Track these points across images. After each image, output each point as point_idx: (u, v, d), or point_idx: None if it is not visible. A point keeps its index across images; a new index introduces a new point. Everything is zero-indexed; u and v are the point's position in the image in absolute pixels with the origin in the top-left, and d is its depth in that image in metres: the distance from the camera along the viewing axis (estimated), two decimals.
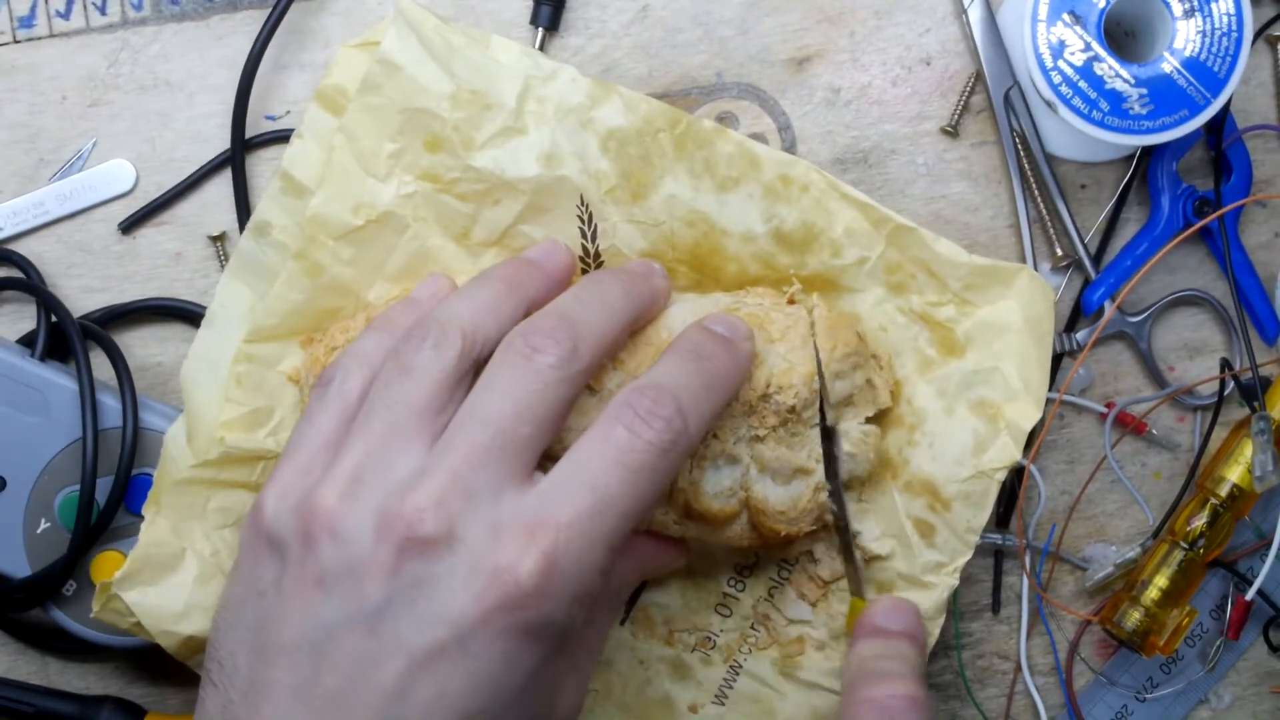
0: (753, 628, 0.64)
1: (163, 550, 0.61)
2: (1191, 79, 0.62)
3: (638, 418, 0.47)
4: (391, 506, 0.44)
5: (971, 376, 0.63)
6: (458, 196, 0.62)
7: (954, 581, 0.63)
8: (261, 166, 0.67)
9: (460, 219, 0.62)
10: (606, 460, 0.46)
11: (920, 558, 0.63)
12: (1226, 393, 0.67)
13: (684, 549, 0.60)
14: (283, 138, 0.66)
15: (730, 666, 0.64)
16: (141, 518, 0.63)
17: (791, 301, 0.60)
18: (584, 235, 0.62)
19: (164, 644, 0.60)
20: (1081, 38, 0.62)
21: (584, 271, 0.63)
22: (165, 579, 0.61)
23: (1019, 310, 0.62)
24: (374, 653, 0.43)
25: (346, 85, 0.62)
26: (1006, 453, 0.62)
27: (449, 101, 0.61)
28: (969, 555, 0.63)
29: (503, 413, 0.47)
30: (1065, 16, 0.62)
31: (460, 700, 0.42)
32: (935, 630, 0.63)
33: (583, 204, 0.62)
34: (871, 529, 0.63)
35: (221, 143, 0.66)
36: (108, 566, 0.63)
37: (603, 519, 0.45)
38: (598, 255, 0.62)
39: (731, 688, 0.64)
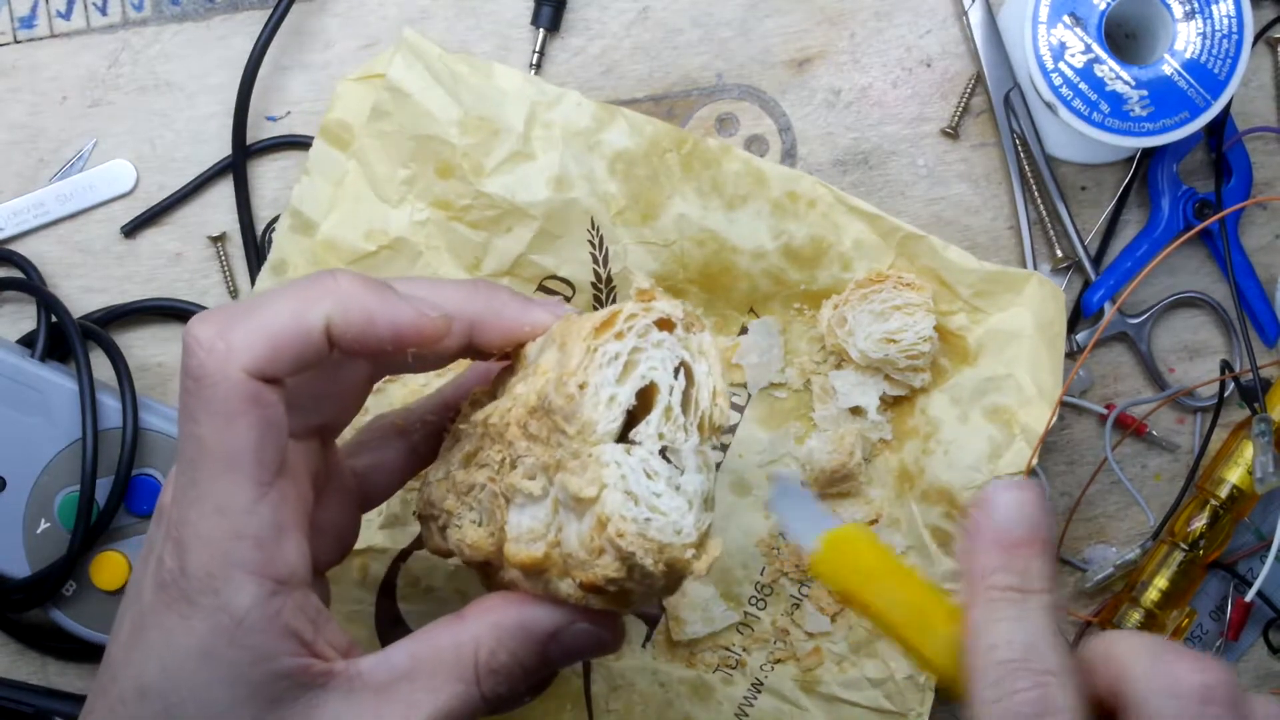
0: (774, 643, 0.64)
1: None
2: (1192, 81, 0.62)
3: (184, 343, 0.42)
4: None
5: (985, 384, 0.63)
6: (469, 225, 0.62)
7: None
8: (263, 168, 0.67)
9: (471, 248, 0.62)
10: (180, 409, 0.43)
11: (939, 566, 0.63)
12: (1227, 394, 0.67)
13: (601, 620, 0.46)
14: (285, 142, 0.66)
15: (752, 685, 0.64)
16: (140, 518, 0.63)
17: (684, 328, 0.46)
18: (595, 260, 0.62)
19: None
20: (1082, 39, 0.62)
21: (596, 298, 0.63)
22: None
23: (1030, 316, 0.62)
24: (126, 600, 0.45)
25: (349, 120, 0.62)
26: (1022, 457, 0.62)
27: (457, 128, 0.61)
28: None
29: None
30: (1066, 18, 0.62)
31: (142, 662, 0.42)
32: None
33: (593, 227, 0.62)
34: (895, 544, 0.63)
35: (222, 143, 0.66)
36: (107, 567, 0.63)
37: (196, 484, 0.41)
38: (609, 280, 0.63)
39: (752, 705, 0.64)
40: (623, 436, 0.43)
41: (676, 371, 0.44)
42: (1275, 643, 0.68)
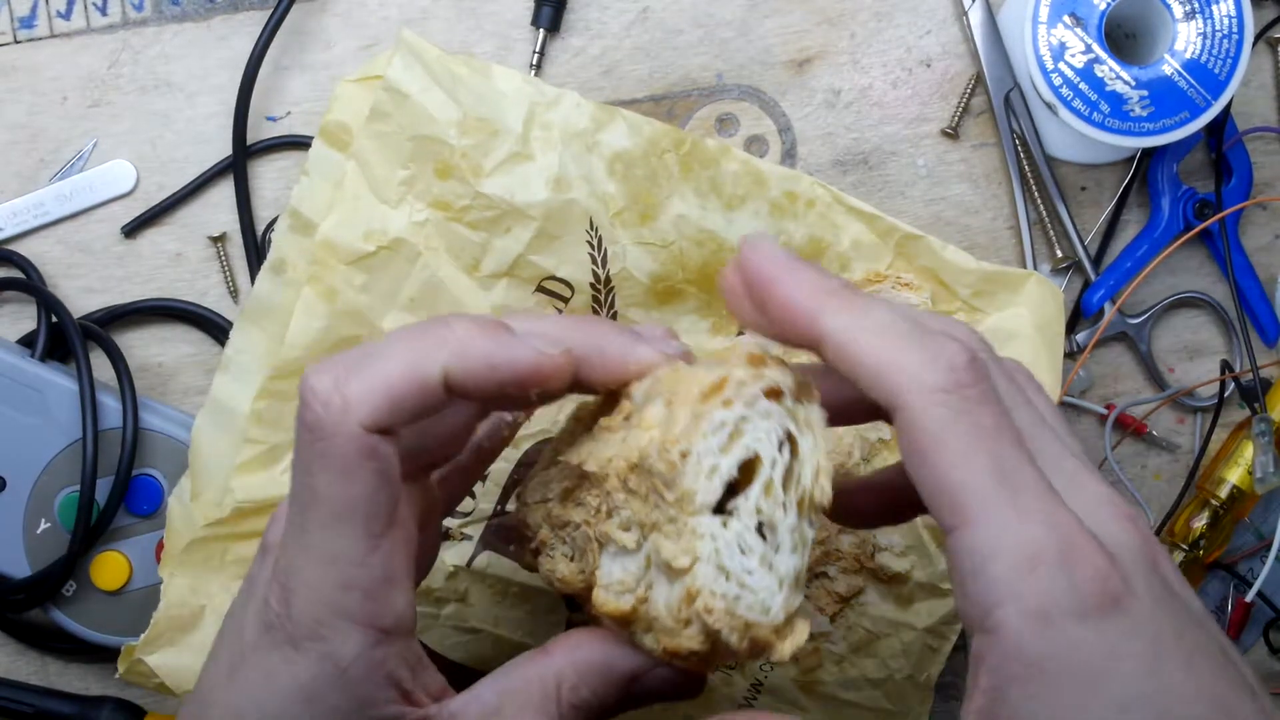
0: None
1: (182, 610, 0.61)
2: (1192, 81, 0.62)
3: (300, 395, 0.41)
4: None
5: None
6: (469, 225, 0.62)
7: None
8: (263, 168, 0.67)
9: (471, 249, 0.62)
10: (294, 459, 0.42)
11: (938, 566, 0.63)
12: (1227, 394, 0.67)
13: (682, 675, 0.45)
14: (285, 142, 0.66)
15: (751, 685, 0.64)
16: (141, 518, 0.63)
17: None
18: (594, 260, 0.62)
19: None
20: (1082, 40, 0.62)
21: (595, 299, 0.63)
22: (186, 639, 0.61)
23: (1029, 316, 0.62)
24: (225, 633, 0.45)
25: (348, 121, 0.62)
26: None
27: (456, 128, 0.61)
28: None
29: None
30: (1066, 18, 0.62)
31: (240, 699, 0.42)
32: (953, 636, 0.64)
33: (592, 228, 0.62)
34: (894, 544, 0.63)
35: (222, 143, 0.66)
36: (107, 567, 0.63)
37: (307, 532, 0.41)
38: (608, 280, 0.63)
39: (752, 705, 0.64)
40: (722, 502, 0.42)
41: (781, 445, 0.43)
42: (1275, 643, 0.68)
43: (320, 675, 0.41)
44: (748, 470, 0.42)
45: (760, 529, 0.42)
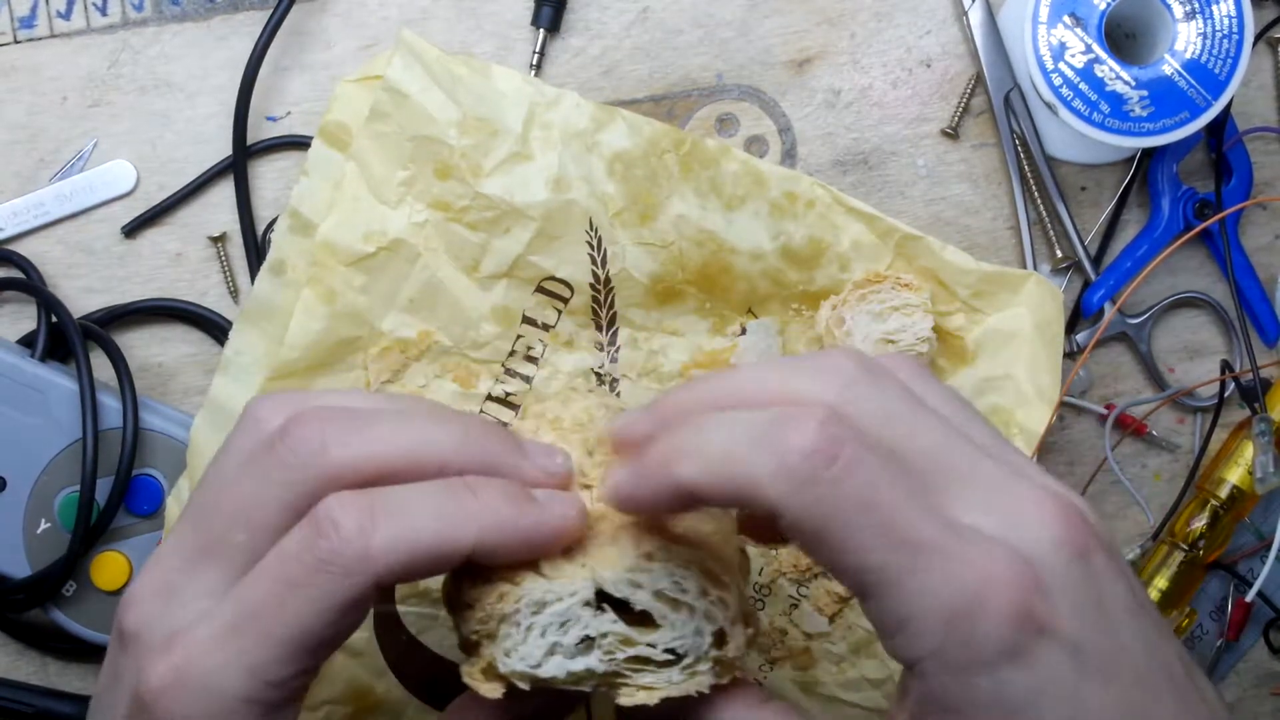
0: (773, 646, 0.64)
1: None
2: (1192, 81, 0.62)
3: (319, 521, 0.40)
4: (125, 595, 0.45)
5: (983, 384, 0.63)
6: (468, 225, 0.62)
7: None
8: (264, 168, 0.67)
9: (470, 249, 0.62)
10: (266, 568, 0.40)
11: None
12: (1227, 394, 0.67)
13: None
14: (285, 142, 0.66)
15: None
16: (141, 518, 0.63)
17: None
18: (594, 261, 0.62)
19: None
20: (1082, 40, 0.62)
21: (595, 299, 0.63)
22: None
23: (1028, 316, 0.63)
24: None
25: (347, 121, 0.62)
26: None
27: (456, 129, 0.61)
28: None
29: (219, 510, 0.43)
30: (1066, 19, 0.62)
31: None
32: None
33: (591, 228, 0.62)
34: None
35: (223, 143, 0.66)
36: (107, 567, 0.63)
37: (241, 637, 0.40)
38: (608, 281, 0.63)
39: None
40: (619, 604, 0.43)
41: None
42: (1275, 643, 0.68)
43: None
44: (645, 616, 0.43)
45: (588, 641, 0.43)
